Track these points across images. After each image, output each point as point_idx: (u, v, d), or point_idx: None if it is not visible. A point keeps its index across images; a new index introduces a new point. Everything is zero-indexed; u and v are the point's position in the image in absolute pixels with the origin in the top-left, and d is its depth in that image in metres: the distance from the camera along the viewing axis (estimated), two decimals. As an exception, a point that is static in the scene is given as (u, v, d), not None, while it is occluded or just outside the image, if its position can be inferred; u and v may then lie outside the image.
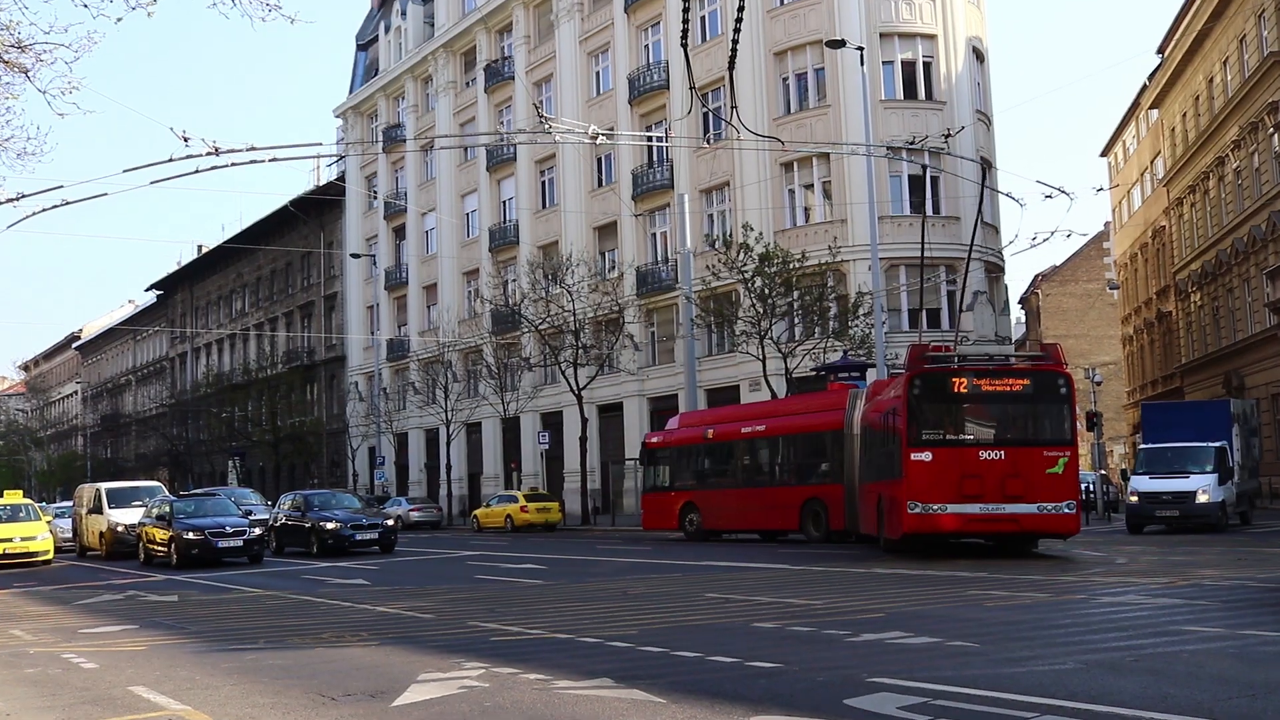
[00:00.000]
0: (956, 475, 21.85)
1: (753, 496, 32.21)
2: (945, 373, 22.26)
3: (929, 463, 21.94)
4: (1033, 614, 13.73)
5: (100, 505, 35.10)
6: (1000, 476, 21.85)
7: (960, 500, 21.80)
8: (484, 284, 59.39)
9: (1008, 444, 22.15)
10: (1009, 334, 49.63)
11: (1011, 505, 21.86)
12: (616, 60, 53.55)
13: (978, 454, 22.01)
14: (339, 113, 76.23)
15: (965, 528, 22.22)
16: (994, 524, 22.11)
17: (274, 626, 15.40)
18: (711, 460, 34.64)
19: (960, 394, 22.30)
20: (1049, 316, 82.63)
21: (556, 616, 15.13)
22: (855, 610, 14.46)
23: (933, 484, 21.91)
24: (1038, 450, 22.12)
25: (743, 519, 32.83)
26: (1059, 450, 22.19)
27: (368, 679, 10.55)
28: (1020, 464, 21.94)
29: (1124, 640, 11.32)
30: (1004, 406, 22.53)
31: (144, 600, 19.99)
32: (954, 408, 22.48)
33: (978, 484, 21.82)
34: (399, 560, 29.41)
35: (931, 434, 22.18)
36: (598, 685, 9.70)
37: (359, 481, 65.52)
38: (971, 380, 22.27)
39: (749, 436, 32.88)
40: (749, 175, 46.00)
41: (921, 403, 22.20)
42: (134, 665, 12.06)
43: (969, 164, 41.41)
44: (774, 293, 39.09)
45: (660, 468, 35.85)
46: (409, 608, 16.86)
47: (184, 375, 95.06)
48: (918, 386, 22.16)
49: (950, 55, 45.20)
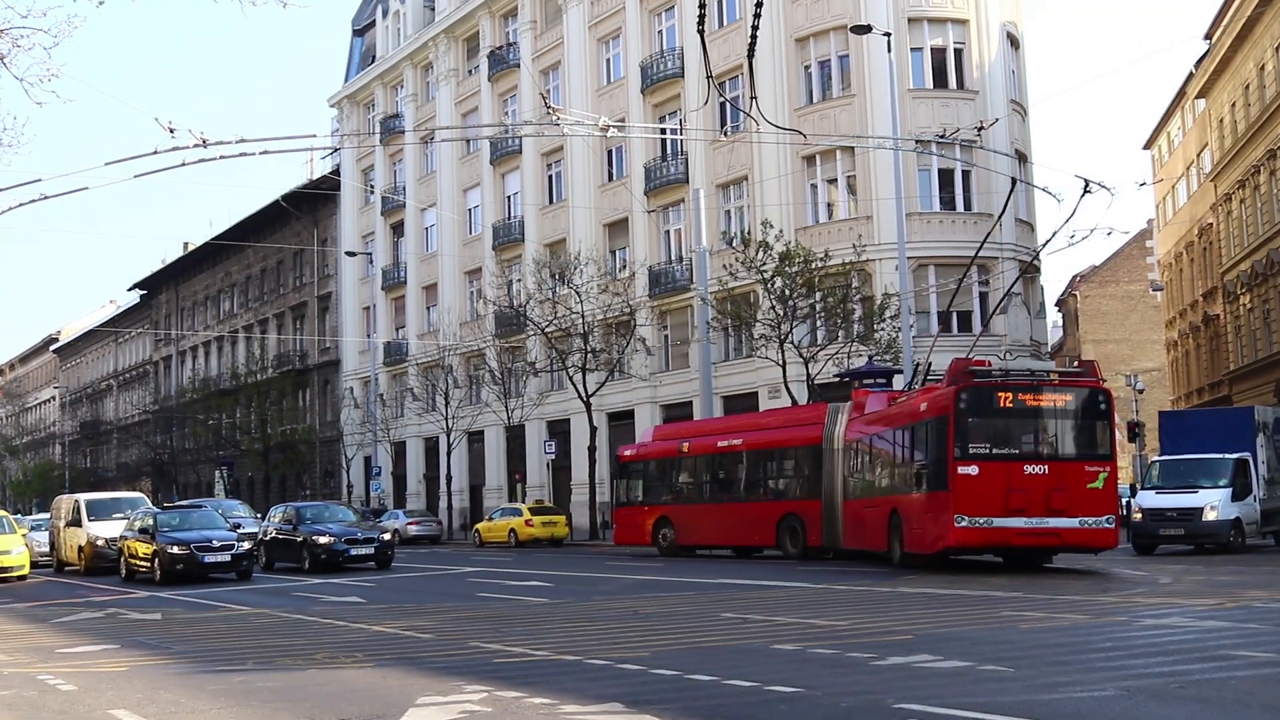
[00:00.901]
0: (1003, 489, 22.95)
1: (728, 512, 33.38)
2: (991, 387, 23.38)
3: (976, 476, 23.04)
4: (1071, 637, 13.68)
5: (79, 517, 35.12)
6: (1044, 491, 22.99)
7: (1006, 514, 22.91)
8: (487, 284, 59.42)
9: (1051, 459, 23.34)
10: (1044, 338, 49.56)
11: (1055, 519, 23.02)
12: (628, 47, 53.55)
13: (1022, 468, 23.19)
14: (333, 102, 76.34)
15: (1011, 541, 23.40)
16: (1038, 538, 23.28)
17: (263, 646, 15.40)
18: (686, 474, 35.71)
19: (1006, 408, 23.42)
20: (1088, 320, 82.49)
21: (563, 637, 15.12)
22: (881, 632, 14.43)
23: (980, 497, 22.96)
24: (1080, 465, 23.34)
25: (718, 534, 33.92)
26: (1100, 465, 23.43)
27: (363, 703, 10.55)
28: (1063, 478, 23.12)
29: (1169, 666, 11.28)
30: (1047, 421, 23.69)
31: (125, 618, 20.01)
32: (999, 422, 23.61)
33: (1023, 498, 22.93)
34: (396, 577, 29.41)
35: (978, 448, 23.29)
36: (607, 711, 9.69)
37: (354, 493, 65.56)
38: (1016, 395, 23.41)
39: (725, 451, 34.02)
40: (768, 169, 45.97)
41: (967, 416, 23.28)
42: (114, 687, 12.07)
43: (1003, 158, 41.33)
44: (795, 294, 39.05)
45: (634, 481, 37.02)
46: (407, 627, 16.86)
47: (168, 380, 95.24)
48: (964, 400, 23.23)
49: (983, 41, 45.13)
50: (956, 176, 43.82)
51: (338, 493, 67.67)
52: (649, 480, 36.68)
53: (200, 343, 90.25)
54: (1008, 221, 44.45)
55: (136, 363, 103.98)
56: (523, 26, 59.70)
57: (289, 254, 78.51)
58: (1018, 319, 43.86)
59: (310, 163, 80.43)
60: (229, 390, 77.30)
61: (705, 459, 34.96)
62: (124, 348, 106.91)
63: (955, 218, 43.88)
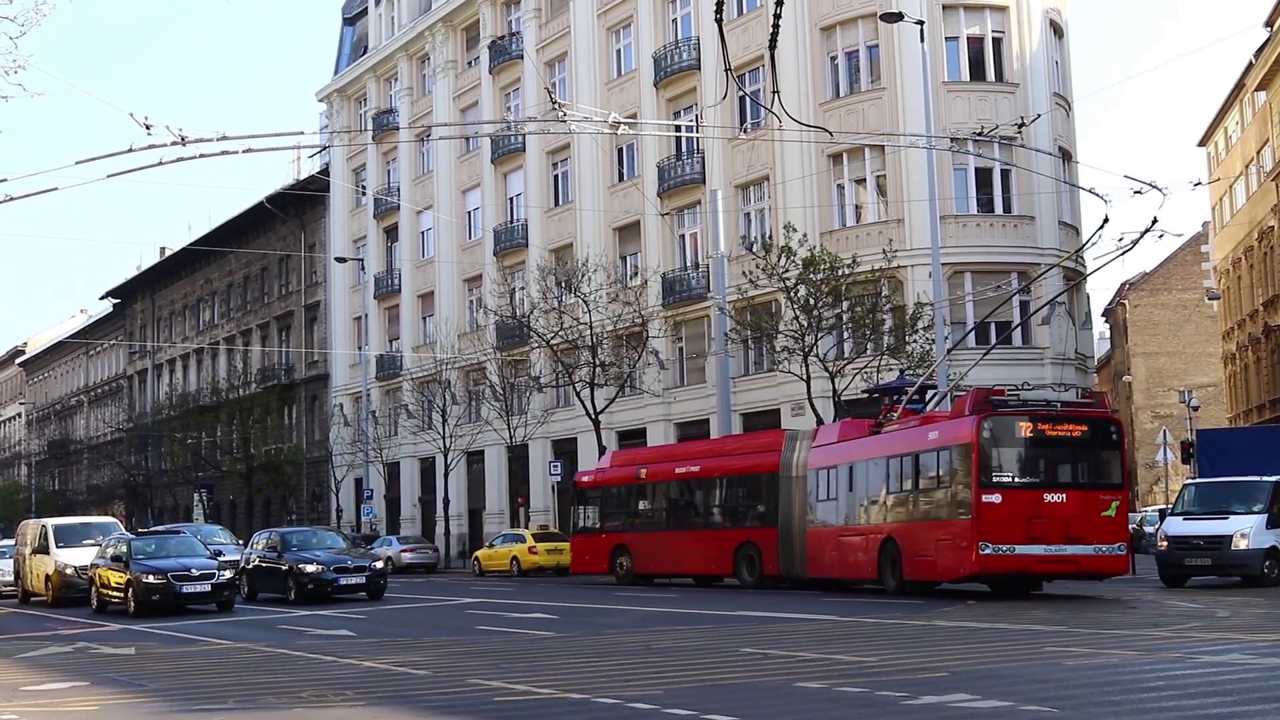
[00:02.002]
0: (1025, 517, 24.99)
1: (685, 539, 35.17)
2: (1014, 416, 25.62)
3: (1000, 504, 25.02)
4: (1120, 675, 13.65)
5: (46, 544, 35.15)
6: (1063, 519, 25.17)
7: (1028, 541, 24.96)
8: (488, 292, 59.49)
9: (1069, 487, 25.70)
10: (1090, 351, 49.51)
11: (1072, 547, 25.20)
12: (640, 37, 53.63)
13: (1042, 496, 25.39)
14: (322, 96, 76.54)
15: (1033, 568, 25.55)
16: (1058, 564, 25.49)
17: (246, 684, 15.40)
18: (644, 501, 37.63)
19: (1027, 438, 25.72)
20: (1137, 331, 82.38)
21: (570, 673, 15.11)
22: (913, 668, 14.41)
23: (1004, 525, 24.91)
24: (1095, 494, 25.73)
25: (675, 562, 35.85)
26: (1112, 494, 25.90)
27: (352, 745, 10.54)
28: (1080, 507, 25.40)
29: (1226, 707, 11.24)
30: (1065, 450, 26.12)
31: (96, 653, 20.03)
32: (1021, 451, 25.86)
33: (1043, 525, 25.05)
34: (389, 608, 29.43)
35: (1001, 476, 25.36)
36: (617, 753, 9.67)
37: (343, 518, 65.60)
38: (1037, 425, 25.63)
39: (683, 478, 36.13)
40: (791, 169, 45.97)
41: (991, 445, 25.33)
42: (85, 727, 12.07)
43: (1045, 156, 41.31)
44: (820, 303, 39.04)
45: (591, 508, 39.02)
46: (401, 662, 16.86)
47: (143, 396, 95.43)
48: (988, 429, 25.26)
49: (1024, 30, 45.13)
50: (995, 176, 43.79)
51: (326, 517, 67.68)
52: (606, 507, 38.56)
53: (178, 355, 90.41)
54: (1050, 225, 44.46)
55: (109, 377, 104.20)
56: (526, 15, 59.83)
57: (274, 260, 78.66)
58: (1061, 330, 43.81)
59: (297, 162, 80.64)
60: (209, 407, 77.40)
61: (663, 486, 36.84)
62: (95, 361, 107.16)
63: (994, 221, 43.85)
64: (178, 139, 19.76)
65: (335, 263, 69.77)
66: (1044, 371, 43.33)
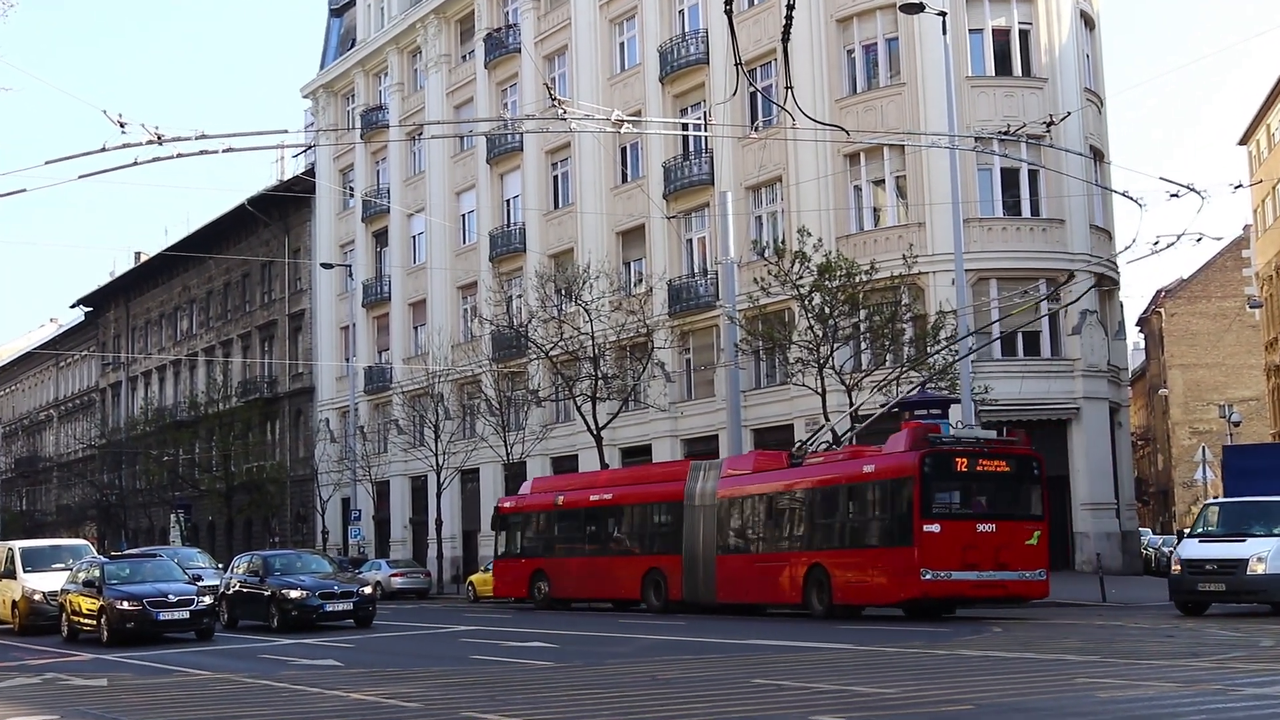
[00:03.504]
0: (960, 545, 28.15)
1: (598, 565, 38.20)
2: (951, 453, 28.84)
3: (939, 533, 28.08)
4: (1156, 708, 13.62)
5: (13, 568, 35.11)
6: (994, 547, 28.50)
7: (963, 568, 28.11)
8: (483, 300, 59.53)
9: (998, 518, 28.90)
10: (1124, 362, 49.52)
11: (1001, 573, 28.51)
12: (645, 29, 53.72)
13: (975, 526, 28.63)
14: (307, 92, 76.70)
15: (968, 592, 28.69)
16: (989, 589, 28.78)
17: (224, 717, 15.40)
18: (560, 528, 40.53)
19: (963, 472, 29.12)
20: (1174, 341, 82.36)
21: (570, 706, 15.11)
22: (936, 701, 14.40)
23: (943, 552, 27.97)
24: (1021, 524, 29.03)
25: (588, 587, 38.90)
26: (1035, 524, 29.21)
27: (339, 782, 10.54)
28: (1008, 536, 28.72)
29: (1270, 741, 11.22)
30: (994, 484, 29.45)
31: (67, 684, 20.02)
32: (957, 484, 29.30)
33: (976, 553, 28.26)
34: (378, 636, 29.42)
35: (940, 508, 28.60)
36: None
37: (329, 540, 65.62)
38: (970, 460, 28.96)
39: (596, 505, 39.01)
40: (806, 169, 46.02)
41: (932, 479, 28.44)
42: (54, 763, 12.08)
43: (1075, 156, 41.34)
44: (836, 311, 39.05)
45: (513, 534, 41.79)
46: (390, 694, 16.85)
47: (117, 410, 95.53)
48: (928, 464, 28.27)
49: (1053, 22, 45.19)
50: (1022, 177, 43.82)
51: (311, 540, 67.67)
52: (526, 533, 41.33)
53: (154, 367, 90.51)
54: (1081, 229, 44.49)
55: (80, 390, 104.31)
56: (524, 6, 59.96)
57: (256, 266, 78.77)
58: (1093, 341, 43.83)
59: (281, 162, 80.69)
60: (187, 422, 77.44)
61: (578, 513, 39.69)
62: (66, 373, 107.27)
63: (1020, 224, 43.89)
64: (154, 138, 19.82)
65: (321, 269, 69.81)
66: (1075, 384, 43.41)
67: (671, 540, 35.47)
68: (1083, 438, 43.58)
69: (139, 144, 19.77)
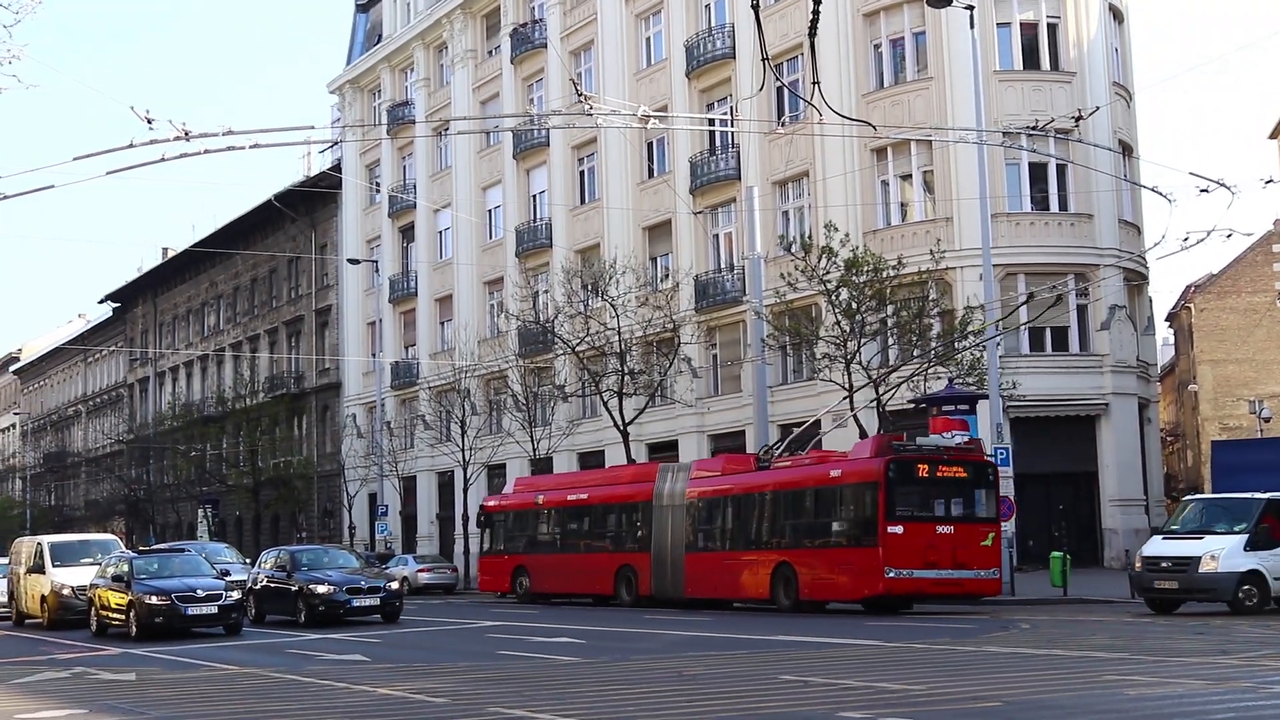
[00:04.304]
0: (922, 545, 30.10)
1: (574, 561, 40.23)
2: (913, 459, 30.90)
3: (902, 534, 29.92)
4: (1186, 706, 13.58)
5: (42, 563, 35.22)
6: (952, 547, 30.45)
7: (924, 567, 30.00)
8: (509, 296, 59.56)
9: (956, 520, 30.94)
10: (1153, 358, 49.32)
11: (958, 571, 30.45)
12: (671, 24, 53.70)
13: (935, 528, 30.58)
14: (334, 88, 76.82)
15: (928, 589, 30.62)
16: (947, 586, 30.68)
17: (252, 712, 15.44)
18: (540, 526, 42.56)
19: (924, 478, 30.98)
20: (1204, 337, 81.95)
21: (597, 702, 15.11)
22: (964, 697, 14.38)
23: (905, 552, 29.87)
24: (977, 526, 30.99)
25: (565, 583, 40.73)
26: (989, 526, 31.19)
27: (366, 777, 10.56)
28: (966, 537, 30.68)
29: (1300, 739, 11.17)
30: (953, 489, 31.38)
31: (95, 679, 20.10)
32: (919, 489, 31.09)
33: (936, 553, 30.17)
34: (405, 631, 29.48)
35: (903, 511, 30.38)
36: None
37: (356, 535, 65.71)
38: (931, 467, 30.98)
39: (572, 504, 41.10)
40: (832, 164, 45.95)
41: (896, 484, 30.37)
42: (83, 757, 12.13)
43: (1104, 151, 41.20)
44: (863, 307, 38.96)
45: (496, 531, 43.97)
46: (416, 690, 16.88)
47: (145, 405, 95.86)
48: (893, 470, 30.28)
49: (1081, 16, 45.03)
50: (1050, 172, 43.69)
51: (338, 535, 67.83)
52: (508, 530, 43.43)
53: (181, 363, 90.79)
54: (1110, 223, 44.36)
55: (108, 386, 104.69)
56: (550, 1, 59.94)
57: (283, 262, 78.95)
58: (1122, 336, 43.70)
59: (307, 158, 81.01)
60: (214, 417, 77.69)
61: (556, 511, 41.77)
62: (94, 369, 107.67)
63: (1049, 219, 43.77)
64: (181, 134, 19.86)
65: (348, 264, 69.88)
66: (1104, 380, 43.27)
67: (641, 538, 37.52)
68: (1111, 434, 43.45)
69: (166, 140, 19.82)
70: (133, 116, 19.92)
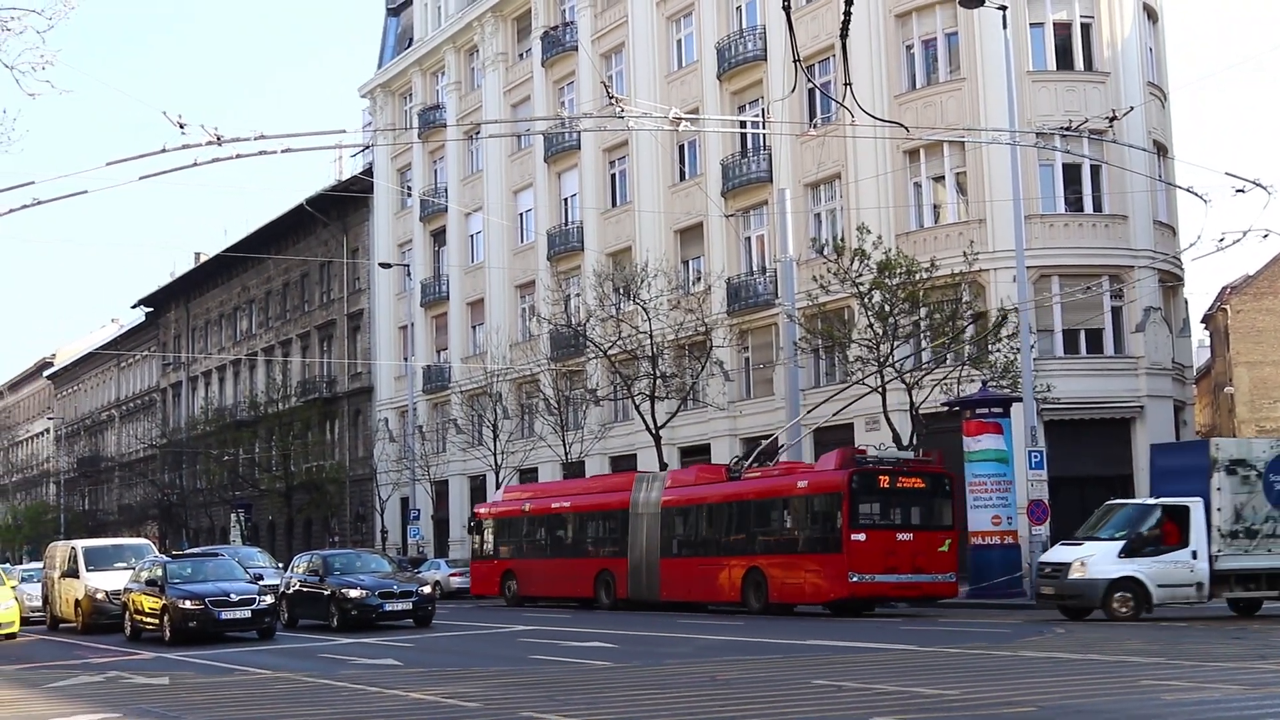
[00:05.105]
0: (883, 551, 32.10)
1: (557, 566, 42.09)
2: (875, 471, 33.08)
3: (864, 541, 31.92)
4: (1224, 711, 13.52)
5: (76, 567, 35.44)
6: (911, 553, 32.50)
7: (885, 571, 32.01)
8: (541, 299, 59.61)
9: (915, 528, 33.03)
10: (1189, 360, 49.07)
11: (917, 575, 32.48)
12: (702, 26, 53.67)
13: (895, 535, 32.68)
14: (365, 92, 77.02)
15: (889, 592, 32.75)
16: (906, 589, 32.79)
17: (285, 716, 15.49)
18: (527, 532, 44.27)
19: (884, 489, 33.26)
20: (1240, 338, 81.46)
21: (629, 706, 15.12)
22: (998, 702, 14.34)
23: (868, 558, 31.84)
24: (934, 533, 33.01)
25: (550, 587, 42.49)
26: (945, 534, 33.22)
27: (399, 782, 10.59)
28: (924, 544, 32.72)
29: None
30: (912, 499, 33.42)
31: (129, 683, 20.20)
32: (880, 499, 33.32)
33: (896, 559, 32.22)
34: (437, 636, 29.55)
35: (865, 520, 32.46)
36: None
37: (389, 540, 65.87)
38: (892, 478, 33.15)
39: (556, 512, 43.04)
40: (865, 166, 45.86)
41: (859, 495, 32.41)
42: (117, 762, 12.18)
43: (1139, 151, 41.00)
44: (896, 310, 38.89)
45: (486, 537, 45.59)
46: (449, 694, 16.92)
47: (177, 410, 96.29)
48: (856, 482, 32.39)
49: (1115, 15, 44.83)
50: (1084, 173, 43.49)
51: (370, 539, 68.00)
52: (498, 536, 45.04)
53: (214, 367, 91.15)
54: (1144, 225, 44.14)
55: (141, 390, 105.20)
56: (581, 3, 59.99)
57: (315, 266, 79.20)
58: (1157, 338, 43.48)
59: (339, 162, 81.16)
60: (246, 422, 77.99)
61: (541, 519, 43.64)
62: (127, 373, 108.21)
63: (1083, 220, 43.58)
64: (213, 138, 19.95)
65: (379, 268, 70.14)
66: (1139, 383, 43.06)
67: (619, 544, 39.53)
68: (1147, 437, 43.15)
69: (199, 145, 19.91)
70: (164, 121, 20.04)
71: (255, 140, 20.51)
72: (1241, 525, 28.47)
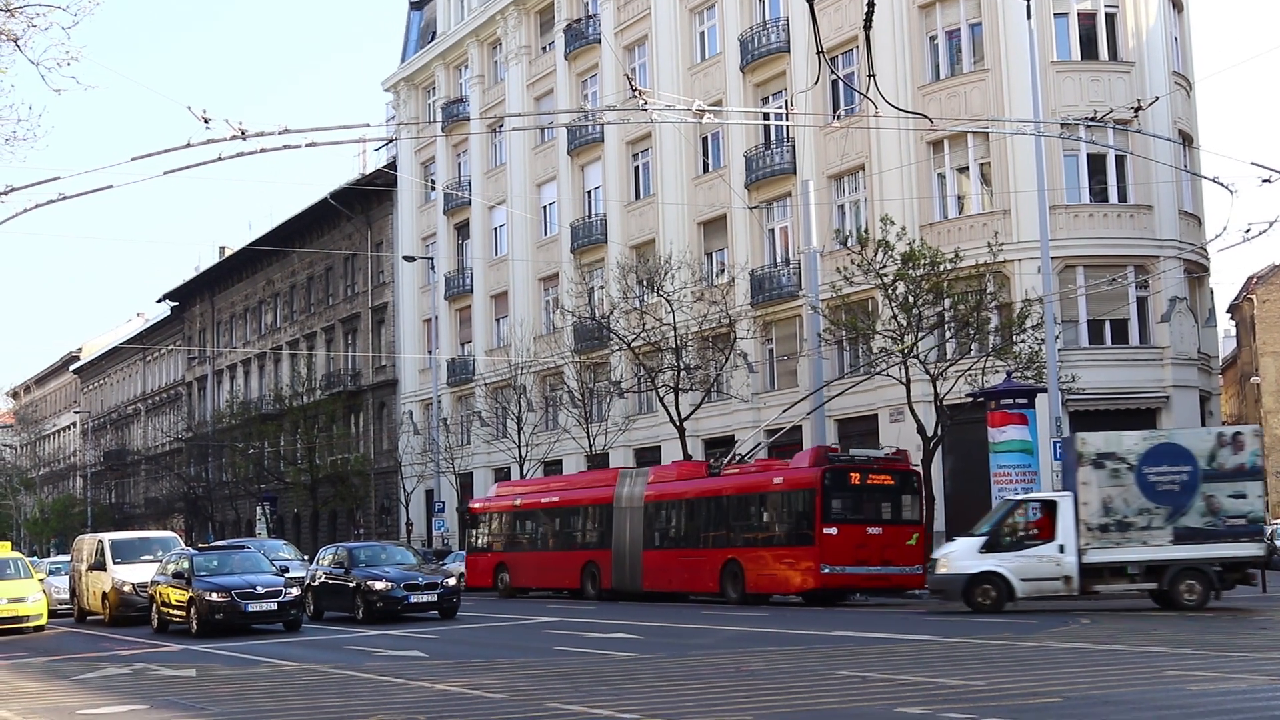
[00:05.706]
0: (854, 545, 33.35)
1: (546, 558, 43.47)
2: (846, 468, 34.12)
3: (836, 535, 33.17)
4: (1250, 701, 13.48)
5: (103, 560, 35.58)
6: (880, 546, 33.81)
7: (856, 564, 33.24)
8: (565, 292, 59.66)
9: (884, 523, 34.24)
10: (1215, 350, 48.87)
11: (886, 567, 33.79)
12: (725, 18, 53.60)
13: (866, 530, 33.81)
14: (388, 86, 77.08)
15: (859, 583, 34.12)
16: (876, 581, 34.16)
17: (311, 708, 15.55)
18: (518, 526, 45.62)
19: (855, 485, 34.32)
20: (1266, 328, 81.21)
21: (654, 697, 15.13)
22: (1024, 693, 14.33)
23: (839, 551, 33.13)
24: (902, 528, 34.30)
25: (539, 578, 43.78)
26: (913, 528, 34.50)
27: (425, 772, 10.61)
28: (893, 538, 34.03)
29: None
30: (881, 494, 34.50)
31: (156, 675, 20.29)
32: (851, 495, 34.29)
33: (866, 552, 33.48)
34: (462, 628, 29.62)
35: (837, 514, 33.58)
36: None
37: (413, 532, 65.98)
38: (863, 475, 34.27)
39: (545, 506, 44.38)
40: (889, 157, 45.77)
41: (831, 491, 33.61)
42: (145, 753, 12.24)
43: (1164, 142, 40.84)
44: (920, 301, 38.84)
45: (480, 530, 47.03)
46: (474, 685, 16.96)
47: (203, 403, 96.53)
48: (828, 478, 33.57)
49: (1140, 4, 44.64)
50: (1109, 163, 43.36)
51: (395, 531, 68.11)
52: (491, 530, 46.50)
53: (239, 361, 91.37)
54: (1170, 215, 43.98)
55: (167, 384, 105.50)
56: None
57: (339, 260, 79.32)
58: (1182, 328, 43.33)
59: (363, 155, 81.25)
60: (272, 415, 78.20)
61: (532, 513, 44.90)
62: (153, 367, 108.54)
63: (1108, 211, 43.44)
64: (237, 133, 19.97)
65: (403, 262, 70.21)
66: (1164, 373, 42.92)
67: (603, 537, 40.68)
68: (1172, 427, 43.07)
69: (223, 139, 19.93)
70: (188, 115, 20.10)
71: (279, 134, 20.52)
72: (1112, 518, 28.26)
